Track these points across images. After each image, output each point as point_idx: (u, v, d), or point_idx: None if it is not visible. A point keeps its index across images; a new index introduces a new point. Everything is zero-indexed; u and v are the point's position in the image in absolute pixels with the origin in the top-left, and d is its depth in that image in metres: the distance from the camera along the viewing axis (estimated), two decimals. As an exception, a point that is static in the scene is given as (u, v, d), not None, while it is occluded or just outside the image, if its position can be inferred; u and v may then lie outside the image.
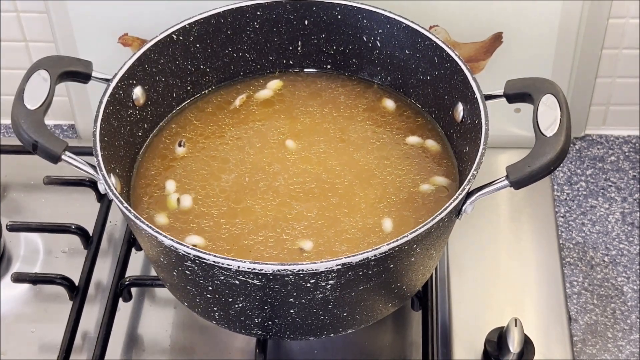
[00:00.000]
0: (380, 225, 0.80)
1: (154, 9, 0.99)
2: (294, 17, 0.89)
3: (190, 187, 0.83)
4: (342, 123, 0.89)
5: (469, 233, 0.96)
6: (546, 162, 0.72)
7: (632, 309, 0.96)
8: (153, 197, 0.83)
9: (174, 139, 0.88)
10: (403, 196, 0.82)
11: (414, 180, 0.84)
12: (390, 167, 0.85)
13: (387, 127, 0.89)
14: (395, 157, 0.86)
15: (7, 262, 0.97)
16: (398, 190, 0.83)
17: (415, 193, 0.83)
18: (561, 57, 1.01)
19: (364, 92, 0.92)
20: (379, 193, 0.82)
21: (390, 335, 0.90)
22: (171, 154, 0.86)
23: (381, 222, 0.80)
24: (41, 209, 1.02)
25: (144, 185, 0.83)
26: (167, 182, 0.84)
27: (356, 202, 0.81)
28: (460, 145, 0.84)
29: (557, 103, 0.76)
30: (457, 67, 0.82)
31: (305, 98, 0.91)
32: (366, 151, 0.86)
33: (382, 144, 0.87)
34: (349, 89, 0.92)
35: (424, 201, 0.82)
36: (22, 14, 1.06)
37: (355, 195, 0.82)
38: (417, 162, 0.85)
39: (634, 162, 1.09)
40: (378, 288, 0.75)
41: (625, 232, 1.02)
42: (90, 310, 0.92)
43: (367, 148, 0.86)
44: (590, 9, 0.99)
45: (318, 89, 0.92)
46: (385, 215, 0.80)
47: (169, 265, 0.74)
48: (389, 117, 0.89)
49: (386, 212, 0.81)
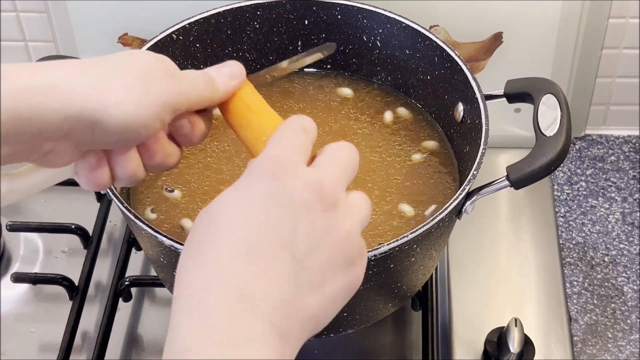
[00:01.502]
0: (397, 207, 0.80)
1: (154, 9, 0.99)
2: (294, 17, 0.89)
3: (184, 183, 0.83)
4: (342, 123, 0.89)
5: (469, 233, 0.96)
6: (546, 162, 0.72)
7: (632, 309, 0.96)
8: (153, 197, 0.83)
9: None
10: (405, 171, 0.83)
11: (407, 152, 0.85)
12: (385, 153, 0.85)
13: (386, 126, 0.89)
14: (382, 139, 0.87)
15: (7, 262, 0.97)
16: (399, 170, 0.84)
17: (412, 164, 0.84)
18: (561, 57, 1.01)
19: (364, 92, 0.92)
20: (384, 175, 0.83)
21: (390, 335, 0.90)
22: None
23: (398, 206, 0.81)
24: (41, 209, 1.02)
25: (144, 185, 0.83)
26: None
27: (368, 189, 0.82)
28: (461, 145, 0.84)
29: (557, 103, 0.76)
30: (457, 67, 0.82)
31: (305, 98, 0.91)
32: (366, 146, 0.86)
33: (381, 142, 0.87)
34: (349, 88, 0.92)
35: (423, 170, 0.83)
36: (22, 14, 1.06)
37: (365, 184, 0.82)
38: (404, 135, 0.87)
39: (634, 162, 1.09)
40: (378, 288, 0.75)
41: (625, 232, 1.02)
42: (90, 310, 0.92)
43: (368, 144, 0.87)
44: (590, 9, 0.99)
45: (318, 89, 0.92)
46: (399, 197, 0.81)
47: (169, 265, 0.74)
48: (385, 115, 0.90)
49: (397, 192, 0.82)
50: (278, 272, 0.49)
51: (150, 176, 0.84)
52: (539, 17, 0.98)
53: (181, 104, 0.59)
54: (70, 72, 0.55)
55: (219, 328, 0.47)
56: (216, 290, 0.48)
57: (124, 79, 0.56)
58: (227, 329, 0.47)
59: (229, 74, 0.63)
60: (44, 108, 0.53)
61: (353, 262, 0.53)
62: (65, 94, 0.54)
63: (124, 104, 0.55)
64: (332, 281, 0.52)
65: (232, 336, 0.47)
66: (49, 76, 0.54)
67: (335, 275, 0.52)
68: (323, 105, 0.90)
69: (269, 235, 0.50)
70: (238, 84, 0.64)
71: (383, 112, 0.89)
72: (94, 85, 0.55)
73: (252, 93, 0.65)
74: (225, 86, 0.63)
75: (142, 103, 0.56)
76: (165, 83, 0.58)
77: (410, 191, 0.82)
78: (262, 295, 0.48)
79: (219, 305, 0.48)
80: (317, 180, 0.52)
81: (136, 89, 0.56)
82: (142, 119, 0.56)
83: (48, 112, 0.53)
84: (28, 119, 0.53)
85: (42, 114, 0.53)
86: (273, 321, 0.48)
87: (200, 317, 0.48)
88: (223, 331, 0.47)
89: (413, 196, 0.82)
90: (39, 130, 0.54)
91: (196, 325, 0.47)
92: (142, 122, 0.56)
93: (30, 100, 0.53)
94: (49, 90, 0.54)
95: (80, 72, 0.55)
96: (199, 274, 0.49)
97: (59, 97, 0.54)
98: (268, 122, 0.63)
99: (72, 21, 1.01)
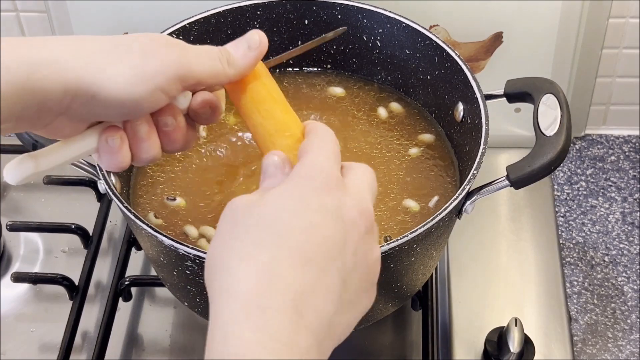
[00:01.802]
0: (402, 203, 0.81)
1: (154, 8, 0.99)
2: (294, 17, 0.89)
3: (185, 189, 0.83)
4: (343, 122, 0.89)
5: (469, 233, 0.96)
6: (546, 162, 0.72)
7: (632, 309, 0.96)
8: (153, 196, 0.83)
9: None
10: (405, 166, 0.84)
11: (405, 147, 0.86)
12: (385, 149, 0.86)
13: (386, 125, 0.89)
14: (380, 136, 0.87)
15: (7, 262, 0.97)
16: (399, 165, 0.84)
17: (411, 159, 0.84)
18: (561, 57, 1.01)
19: (364, 91, 0.92)
20: (385, 170, 0.83)
21: (390, 335, 0.90)
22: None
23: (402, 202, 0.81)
24: (41, 209, 1.02)
25: (144, 185, 0.83)
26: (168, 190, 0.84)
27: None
28: (461, 145, 0.84)
29: (557, 103, 0.76)
30: (457, 66, 0.82)
31: (305, 98, 0.91)
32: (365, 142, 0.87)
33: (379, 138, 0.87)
34: (349, 88, 0.92)
35: (422, 164, 0.84)
36: (22, 13, 1.06)
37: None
38: (400, 130, 0.88)
39: (634, 162, 1.09)
40: (378, 288, 0.75)
41: (625, 232, 1.02)
42: (90, 310, 0.92)
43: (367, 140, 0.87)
44: (590, 9, 0.99)
45: (318, 89, 0.92)
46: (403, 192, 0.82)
47: (169, 265, 0.74)
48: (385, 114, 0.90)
49: (400, 187, 0.82)
50: (328, 288, 0.49)
51: (151, 175, 0.84)
52: (539, 17, 0.98)
53: (187, 74, 0.58)
54: (71, 47, 0.55)
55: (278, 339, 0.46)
56: (275, 298, 0.47)
57: (122, 53, 0.56)
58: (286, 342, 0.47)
59: (247, 44, 0.61)
60: (46, 82, 0.54)
61: (374, 285, 0.55)
62: (65, 68, 0.54)
63: (122, 77, 0.55)
64: (362, 302, 0.53)
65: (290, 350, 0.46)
66: (51, 50, 0.55)
67: (364, 296, 0.53)
68: (323, 105, 0.90)
69: (324, 248, 0.50)
70: (257, 56, 0.61)
71: (377, 109, 0.89)
72: (93, 59, 0.55)
73: (274, 83, 0.63)
74: (244, 58, 0.61)
75: (140, 75, 0.56)
76: (166, 53, 0.57)
77: (412, 186, 0.83)
78: (312, 309, 0.48)
79: (278, 316, 0.47)
80: (362, 202, 0.53)
81: (135, 61, 0.56)
82: (141, 92, 0.56)
83: (49, 85, 0.54)
84: (31, 92, 0.53)
85: (44, 87, 0.54)
86: (317, 336, 0.48)
87: (259, 323, 0.47)
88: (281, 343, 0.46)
89: (415, 190, 0.82)
90: (41, 103, 0.54)
91: (254, 331, 0.46)
92: (140, 94, 0.56)
93: (33, 74, 0.53)
94: (50, 65, 0.54)
95: (80, 47, 0.56)
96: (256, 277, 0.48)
97: (59, 71, 0.54)
98: (292, 119, 0.62)
99: (72, 21, 1.01)
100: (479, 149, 0.75)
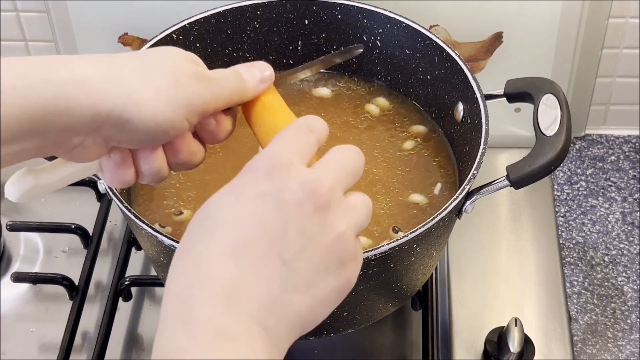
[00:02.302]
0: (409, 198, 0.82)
1: (154, 8, 0.99)
2: (294, 17, 0.89)
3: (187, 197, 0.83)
4: (342, 122, 0.89)
5: (469, 233, 0.96)
6: (546, 162, 0.72)
7: (632, 309, 0.96)
8: (153, 196, 0.83)
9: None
10: (406, 160, 0.85)
11: (402, 138, 0.87)
12: (386, 146, 0.86)
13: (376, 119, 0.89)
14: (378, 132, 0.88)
15: (7, 262, 0.97)
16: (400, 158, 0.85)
17: (409, 153, 0.85)
18: (561, 57, 1.01)
19: (364, 91, 0.92)
20: (387, 167, 0.84)
21: (390, 335, 0.90)
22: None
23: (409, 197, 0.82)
24: (41, 209, 1.02)
25: (144, 184, 0.83)
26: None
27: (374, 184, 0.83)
28: (461, 145, 0.84)
29: (557, 102, 0.76)
30: (457, 66, 0.82)
31: (305, 98, 0.91)
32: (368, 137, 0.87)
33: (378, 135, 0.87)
34: (349, 88, 0.92)
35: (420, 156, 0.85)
36: (22, 13, 1.06)
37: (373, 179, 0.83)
38: (392, 125, 0.88)
39: (634, 162, 1.09)
40: (378, 287, 0.75)
41: (625, 232, 1.02)
42: (90, 310, 0.92)
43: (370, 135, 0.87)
44: (590, 9, 0.99)
45: (318, 89, 0.92)
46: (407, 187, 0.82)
47: (169, 264, 0.74)
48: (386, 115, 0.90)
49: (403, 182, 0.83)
50: (265, 272, 0.50)
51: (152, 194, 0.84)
52: (539, 17, 0.98)
53: (210, 106, 0.59)
54: (102, 67, 0.55)
55: (202, 326, 0.47)
56: (201, 289, 0.48)
57: (155, 79, 0.56)
58: (211, 327, 0.47)
59: (260, 77, 0.64)
60: (75, 104, 0.53)
61: (345, 264, 0.53)
62: (96, 90, 0.54)
63: (155, 104, 0.55)
64: (322, 283, 0.52)
65: (216, 334, 0.47)
66: (80, 71, 0.54)
67: (326, 276, 0.52)
68: (323, 105, 0.90)
69: (258, 235, 0.50)
70: (266, 87, 0.64)
71: (377, 109, 0.90)
72: (125, 83, 0.55)
73: (268, 91, 0.65)
74: (255, 89, 0.64)
75: (171, 104, 0.56)
76: (196, 86, 0.58)
77: (415, 179, 0.83)
78: (247, 294, 0.49)
79: (203, 305, 0.48)
80: (312, 180, 0.52)
81: (166, 89, 0.56)
82: (170, 120, 0.56)
83: (78, 108, 0.53)
84: (58, 113, 0.53)
85: (72, 109, 0.53)
86: (259, 320, 0.48)
87: (185, 316, 0.48)
88: (206, 329, 0.47)
89: (419, 182, 0.83)
90: (68, 125, 0.53)
91: (181, 324, 0.47)
92: (170, 122, 0.56)
93: (60, 95, 0.52)
94: (79, 86, 0.53)
95: (111, 68, 0.55)
96: (186, 274, 0.50)
97: (89, 93, 0.53)
98: (279, 120, 0.64)
99: (72, 21, 1.01)
100: (479, 149, 0.75)
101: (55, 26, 1.02)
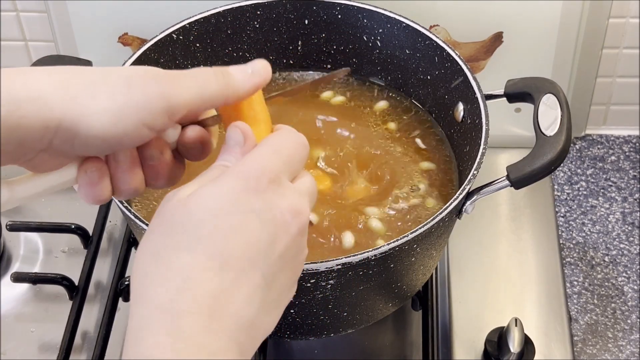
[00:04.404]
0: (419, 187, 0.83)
1: (154, 8, 0.99)
2: (294, 17, 0.89)
3: None
4: (343, 122, 0.89)
5: (469, 233, 0.96)
6: (546, 162, 0.72)
7: (633, 309, 0.96)
8: (153, 196, 0.83)
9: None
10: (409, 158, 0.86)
11: (402, 138, 0.87)
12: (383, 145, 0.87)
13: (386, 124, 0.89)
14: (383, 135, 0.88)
15: (7, 262, 0.97)
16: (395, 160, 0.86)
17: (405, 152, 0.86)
18: (561, 57, 1.01)
19: (364, 91, 0.92)
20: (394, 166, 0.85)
21: (390, 335, 0.90)
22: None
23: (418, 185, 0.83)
24: (41, 209, 1.02)
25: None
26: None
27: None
28: (461, 145, 0.84)
29: (557, 103, 0.76)
30: (457, 66, 0.82)
31: (305, 98, 0.91)
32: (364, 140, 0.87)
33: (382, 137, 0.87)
34: (350, 88, 0.92)
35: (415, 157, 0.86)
36: (22, 13, 1.06)
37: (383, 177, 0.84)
38: (393, 120, 0.88)
39: (634, 162, 1.09)
40: (378, 288, 0.75)
41: (625, 232, 1.02)
42: (90, 310, 0.92)
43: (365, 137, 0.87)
44: (590, 9, 0.99)
45: (319, 90, 0.92)
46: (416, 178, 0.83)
47: (169, 265, 0.74)
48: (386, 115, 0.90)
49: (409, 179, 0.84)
50: (247, 291, 0.49)
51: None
52: (539, 17, 0.98)
53: (175, 106, 0.55)
54: (56, 80, 0.53)
55: (188, 340, 0.47)
56: (187, 303, 0.48)
57: (107, 87, 0.54)
58: (195, 342, 0.47)
59: (250, 69, 0.59)
60: (26, 120, 0.52)
61: (296, 281, 0.55)
62: (47, 105, 0.52)
63: (104, 113, 0.53)
64: (285, 300, 0.53)
65: (199, 350, 0.47)
66: (35, 86, 0.53)
67: (287, 293, 0.53)
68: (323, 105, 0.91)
69: (244, 252, 0.50)
70: (259, 82, 0.59)
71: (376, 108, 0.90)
72: (77, 94, 0.53)
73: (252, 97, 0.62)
74: (245, 82, 0.58)
75: (124, 111, 0.53)
76: (154, 85, 0.54)
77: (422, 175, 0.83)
78: (229, 312, 0.49)
79: (188, 319, 0.47)
80: (299, 205, 0.52)
81: (119, 96, 0.54)
82: (123, 129, 0.54)
83: (29, 123, 0.52)
84: (12, 128, 0.52)
85: (24, 125, 0.52)
86: (238, 340, 0.49)
87: (170, 328, 0.47)
88: (192, 344, 0.47)
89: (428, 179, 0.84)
90: (21, 139, 0.52)
91: (166, 335, 0.47)
92: (123, 131, 0.54)
93: (14, 111, 0.51)
94: (32, 102, 0.52)
95: (64, 80, 0.54)
96: (169, 284, 0.48)
97: (40, 109, 0.52)
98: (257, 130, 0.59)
99: (72, 21, 1.01)
100: (479, 149, 0.75)
101: (55, 26, 1.02)
